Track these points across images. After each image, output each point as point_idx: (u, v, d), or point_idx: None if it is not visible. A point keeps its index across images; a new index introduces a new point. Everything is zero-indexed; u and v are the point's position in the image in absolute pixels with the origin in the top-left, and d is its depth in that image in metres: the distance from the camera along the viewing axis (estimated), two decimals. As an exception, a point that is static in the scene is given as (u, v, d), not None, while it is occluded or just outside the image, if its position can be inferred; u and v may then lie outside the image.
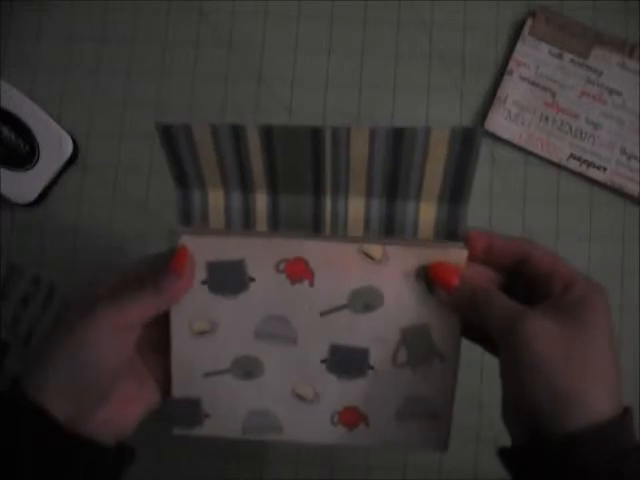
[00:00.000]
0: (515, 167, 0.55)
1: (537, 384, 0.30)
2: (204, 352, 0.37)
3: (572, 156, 0.55)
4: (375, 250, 0.35)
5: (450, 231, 0.34)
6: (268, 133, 0.33)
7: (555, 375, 0.30)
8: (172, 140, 0.34)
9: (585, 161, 0.54)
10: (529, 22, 0.56)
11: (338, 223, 0.35)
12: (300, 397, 0.37)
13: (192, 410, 0.38)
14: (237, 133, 0.33)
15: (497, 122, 0.55)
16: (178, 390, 0.37)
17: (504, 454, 0.32)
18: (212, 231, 0.36)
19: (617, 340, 0.53)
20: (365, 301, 0.36)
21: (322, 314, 0.36)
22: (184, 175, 0.35)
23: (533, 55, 0.55)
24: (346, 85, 0.56)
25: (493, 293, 0.33)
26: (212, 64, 0.57)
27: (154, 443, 0.53)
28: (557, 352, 0.30)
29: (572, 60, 0.55)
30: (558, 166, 0.55)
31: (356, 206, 0.35)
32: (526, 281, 0.34)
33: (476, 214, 0.54)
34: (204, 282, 0.36)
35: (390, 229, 0.35)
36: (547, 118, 0.55)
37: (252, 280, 0.36)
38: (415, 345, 0.36)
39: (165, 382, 0.37)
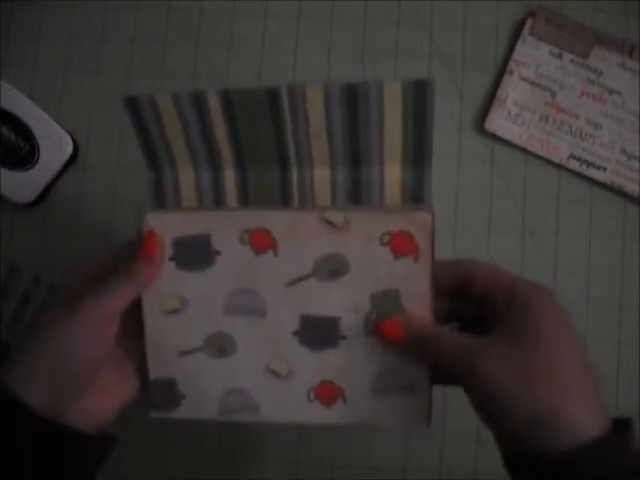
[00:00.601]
0: (515, 167, 0.55)
1: (507, 418, 0.30)
2: (177, 331, 0.36)
3: (572, 156, 0.55)
4: (336, 217, 0.34)
5: (415, 194, 0.34)
6: (227, 98, 0.33)
7: (521, 406, 0.29)
8: (139, 114, 0.35)
9: (585, 161, 0.54)
10: (529, 22, 0.56)
11: (305, 195, 0.35)
12: (274, 373, 0.36)
13: (168, 392, 0.37)
14: (198, 100, 0.34)
15: (497, 122, 0.55)
16: (154, 371, 0.36)
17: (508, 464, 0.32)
18: (178, 208, 0.36)
19: (617, 341, 0.54)
20: (331, 268, 0.35)
21: (288, 284, 0.35)
22: (155, 156, 0.35)
23: (533, 55, 0.55)
24: (346, 85, 0.56)
25: (440, 335, 0.33)
26: (212, 64, 0.57)
27: (153, 443, 0.53)
28: (517, 382, 0.29)
29: (572, 60, 0.55)
30: (558, 166, 0.55)
31: (322, 177, 0.35)
32: (473, 301, 0.34)
33: (476, 214, 0.54)
34: (171, 259, 0.35)
35: (357, 198, 0.34)
36: (547, 118, 0.55)
37: (218, 254, 0.35)
38: (386, 311, 0.35)
39: (143, 368, 0.37)
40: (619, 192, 0.54)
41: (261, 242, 0.35)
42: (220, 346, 0.36)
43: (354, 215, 0.34)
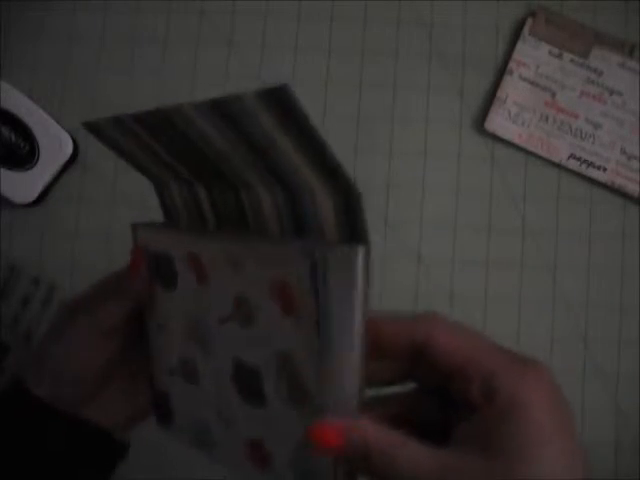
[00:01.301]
0: (515, 167, 0.55)
1: None
2: (165, 347, 0.35)
3: (572, 156, 0.55)
4: (239, 254, 0.27)
5: (351, 224, 0.25)
6: (144, 120, 0.30)
7: None
8: (105, 135, 0.32)
9: (585, 161, 0.54)
10: (529, 22, 0.56)
11: (257, 213, 0.28)
12: (220, 414, 0.31)
13: (164, 405, 0.35)
14: (121, 126, 0.31)
15: (497, 122, 0.55)
16: (156, 380, 0.36)
17: None
18: (161, 225, 0.35)
19: (617, 342, 0.54)
20: (245, 312, 0.28)
21: (220, 321, 0.29)
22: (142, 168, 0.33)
23: (533, 55, 0.55)
24: (346, 85, 0.56)
25: (395, 448, 0.24)
26: (212, 64, 0.57)
27: (152, 443, 0.53)
28: None
29: (572, 60, 0.55)
30: (558, 166, 0.55)
31: (263, 194, 0.27)
32: (433, 375, 0.26)
33: (476, 214, 0.54)
34: (155, 275, 0.33)
35: (299, 224, 0.26)
36: (547, 118, 0.55)
37: (178, 275, 0.32)
38: (288, 376, 0.27)
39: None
40: (619, 192, 0.54)
41: (197, 269, 0.30)
42: (187, 371, 0.33)
43: (246, 254, 0.27)
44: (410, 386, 0.28)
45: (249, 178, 0.27)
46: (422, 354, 0.25)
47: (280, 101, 0.22)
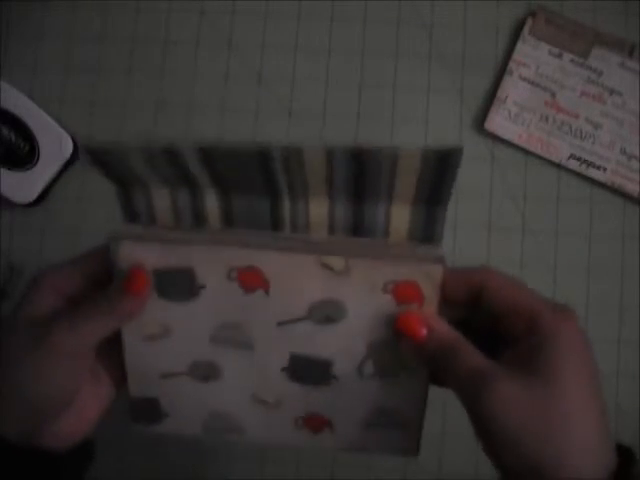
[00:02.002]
0: (515, 167, 0.55)
1: (509, 454, 0.28)
2: (158, 355, 0.35)
3: (572, 156, 0.55)
4: (336, 262, 0.31)
5: (426, 234, 0.31)
6: (208, 157, 0.29)
7: (527, 446, 0.27)
8: (103, 164, 0.31)
9: (585, 161, 0.54)
10: (529, 22, 0.56)
11: (298, 222, 0.32)
12: (261, 401, 0.36)
13: (150, 409, 0.36)
14: (173, 156, 0.30)
15: (497, 122, 0.55)
16: (134, 390, 0.36)
17: None
18: (158, 232, 0.32)
19: (617, 342, 0.54)
20: (326, 313, 0.33)
21: (280, 324, 0.33)
22: (124, 184, 0.32)
23: (533, 55, 0.55)
24: (346, 85, 0.56)
25: (459, 347, 0.30)
26: (212, 64, 0.57)
27: (152, 443, 0.53)
28: (527, 421, 0.27)
29: (572, 60, 0.55)
30: (558, 166, 0.55)
31: (318, 207, 0.31)
32: (486, 316, 0.31)
33: (476, 214, 0.54)
34: (152, 288, 0.33)
35: (357, 230, 0.31)
36: (547, 118, 0.55)
37: (202, 287, 0.33)
38: (382, 358, 0.33)
39: (119, 375, 0.35)
40: (619, 192, 0.54)
41: (251, 281, 0.33)
42: (204, 372, 0.35)
43: (355, 261, 0.31)
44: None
45: (310, 189, 0.30)
46: (478, 298, 0.30)
47: (443, 161, 0.28)
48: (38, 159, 0.54)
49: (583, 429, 0.27)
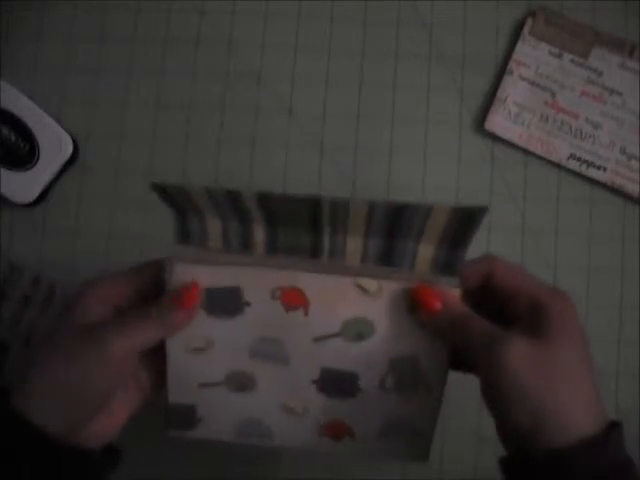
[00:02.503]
0: (515, 167, 0.55)
1: (515, 406, 0.31)
2: (199, 366, 0.38)
3: (572, 156, 0.55)
4: (370, 284, 0.35)
5: (447, 267, 0.35)
6: (264, 200, 0.33)
7: (532, 397, 0.31)
8: (169, 198, 0.35)
9: (585, 161, 0.54)
10: (529, 22, 0.56)
11: (335, 252, 0.36)
12: (290, 410, 0.39)
13: (187, 415, 0.39)
14: (235, 197, 0.34)
15: (497, 122, 0.55)
16: (173, 396, 0.38)
17: (502, 463, 0.33)
18: (209, 255, 0.36)
19: (617, 342, 0.54)
20: (357, 331, 0.36)
21: (315, 340, 0.37)
22: (182, 210, 0.36)
23: (533, 55, 0.55)
24: (346, 85, 0.56)
25: (472, 317, 0.34)
26: (212, 64, 0.57)
27: (153, 443, 0.53)
28: (533, 375, 0.31)
29: (572, 60, 0.55)
30: (558, 166, 0.55)
31: (354, 241, 0.36)
32: (494, 298, 0.35)
33: (476, 214, 0.55)
34: (201, 305, 0.36)
35: (386, 260, 0.36)
36: (547, 118, 0.55)
37: (248, 305, 0.36)
38: (403, 373, 0.37)
39: (150, 383, 0.37)
40: (619, 192, 0.54)
41: (293, 300, 0.36)
42: (240, 383, 0.39)
43: (386, 284, 0.35)
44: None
45: (349, 227, 0.34)
46: (486, 284, 0.35)
47: (470, 217, 0.33)
48: (38, 159, 0.54)
49: (580, 387, 0.31)
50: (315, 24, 0.57)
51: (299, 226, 0.35)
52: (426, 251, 0.35)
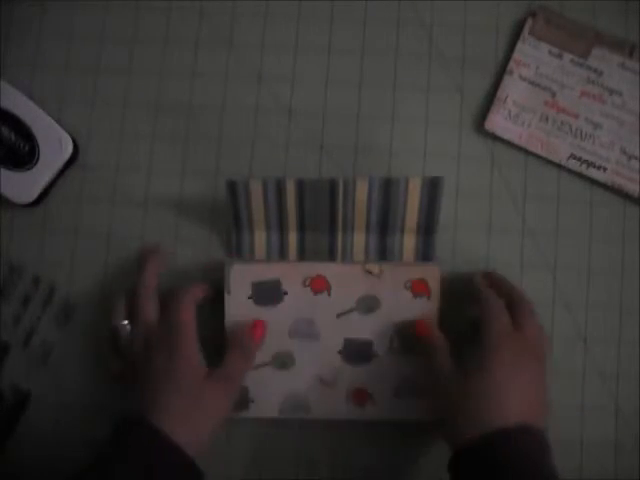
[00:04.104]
0: (515, 167, 0.55)
1: (449, 419, 0.45)
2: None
3: (572, 156, 0.55)
4: (375, 268, 0.49)
5: (425, 255, 0.51)
6: (301, 184, 0.49)
7: (457, 407, 0.44)
8: (234, 193, 0.49)
9: (585, 161, 0.54)
10: (529, 22, 0.56)
11: (346, 252, 0.51)
12: (323, 381, 0.50)
13: (242, 398, 0.50)
14: (279, 185, 0.49)
15: (497, 122, 0.55)
16: None
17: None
18: (255, 260, 0.51)
19: (617, 342, 0.54)
20: (368, 305, 0.49)
21: (338, 316, 0.49)
22: (239, 222, 0.51)
23: (533, 55, 0.55)
24: (346, 85, 0.56)
25: (437, 351, 0.47)
26: (212, 64, 0.57)
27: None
28: (464, 397, 0.44)
29: (572, 60, 0.55)
30: (558, 166, 0.55)
31: (359, 240, 0.51)
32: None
33: (476, 214, 0.54)
34: (250, 297, 0.49)
35: (383, 255, 0.51)
36: (547, 118, 0.55)
37: (286, 294, 0.49)
38: (405, 335, 0.49)
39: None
40: (619, 192, 0.54)
41: (319, 285, 0.49)
42: (283, 361, 0.50)
43: (386, 267, 0.49)
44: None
45: (356, 226, 0.51)
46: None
47: (433, 185, 0.49)
48: (38, 159, 0.54)
49: (504, 398, 0.43)
50: (315, 24, 0.57)
51: (321, 221, 0.50)
52: (409, 242, 0.51)
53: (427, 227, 0.50)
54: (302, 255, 0.51)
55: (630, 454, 0.52)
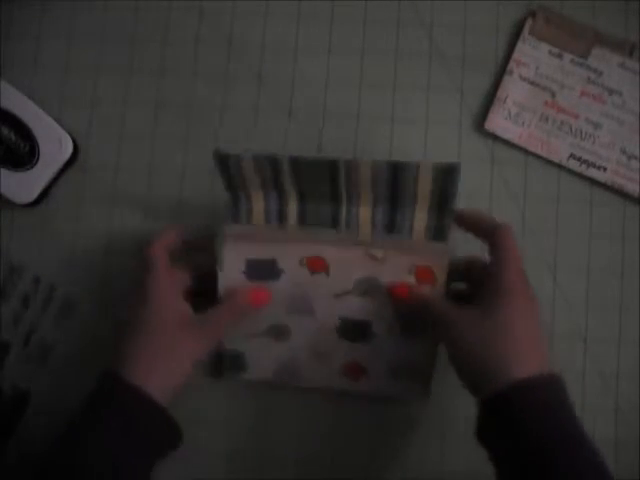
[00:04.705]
0: (515, 167, 0.55)
1: (467, 368, 0.42)
2: (248, 321, 0.48)
3: (572, 156, 0.55)
4: (378, 252, 0.46)
5: (438, 234, 0.46)
6: (296, 163, 0.45)
7: (477, 360, 0.41)
8: (225, 165, 0.45)
9: (585, 161, 0.54)
10: (529, 22, 0.56)
11: (351, 224, 0.47)
12: (317, 353, 0.50)
13: (238, 361, 0.51)
14: (274, 162, 0.45)
15: (497, 122, 0.55)
16: (228, 345, 0.51)
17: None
18: (252, 231, 0.47)
19: (617, 341, 0.54)
20: (367, 287, 0.47)
21: (335, 296, 0.48)
22: (235, 192, 0.47)
23: (533, 55, 0.55)
24: (346, 85, 0.56)
25: (432, 300, 0.45)
26: (212, 64, 0.57)
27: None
28: (477, 342, 0.41)
29: (572, 60, 0.55)
30: (558, 166, 0.55)
31: (365, 212, 0.47)
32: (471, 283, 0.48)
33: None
34: (243, 272, 0.48)
35: (391, 229, 0.47)
36: (547, 118, 0.55)
37: (282, 272, 0.48)
38: (406, 321, 0.48)
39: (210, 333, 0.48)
40: (619, 192, 0.54)
41: (316, 265, 0.47)
42: (279, 333, 0.50)
43: (390, 252, 0.46)
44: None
45: (361, 198, 0.46)
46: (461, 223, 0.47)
47: (449, 174, 0.44)
48: (38, 159, 0.54)
49: (520, 344, 0.41)
50: (315, 24, 0.57)
51: (322, 194, 0.46)
52: (420, 220, 0.46)
53: (442, 202, 0.45)
54: (302, 221, 0.47)
55: (630, 454, 0.52)
